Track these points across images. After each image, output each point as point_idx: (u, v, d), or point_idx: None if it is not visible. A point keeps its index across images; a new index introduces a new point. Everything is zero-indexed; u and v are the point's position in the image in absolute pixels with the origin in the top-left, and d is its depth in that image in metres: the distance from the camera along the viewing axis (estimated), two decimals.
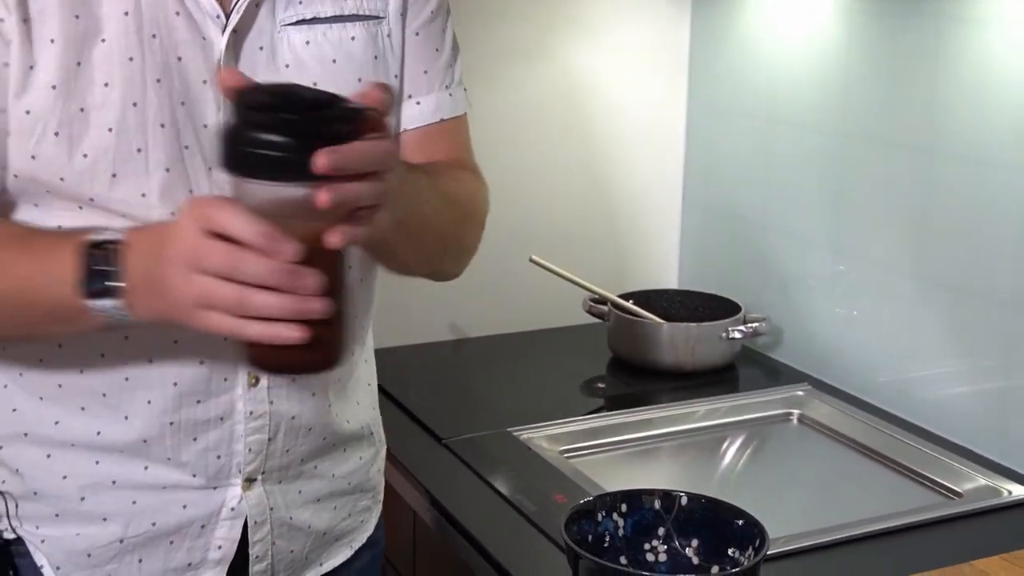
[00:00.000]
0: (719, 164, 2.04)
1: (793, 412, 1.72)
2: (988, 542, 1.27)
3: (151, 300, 0.92)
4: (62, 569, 1.08)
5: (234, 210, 0.87)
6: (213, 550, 1.11)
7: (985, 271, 1.52)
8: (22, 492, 1.08)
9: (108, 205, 1.00)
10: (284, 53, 1.05)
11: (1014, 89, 1.45)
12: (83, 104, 0.97)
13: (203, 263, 0.87)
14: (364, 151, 0.86)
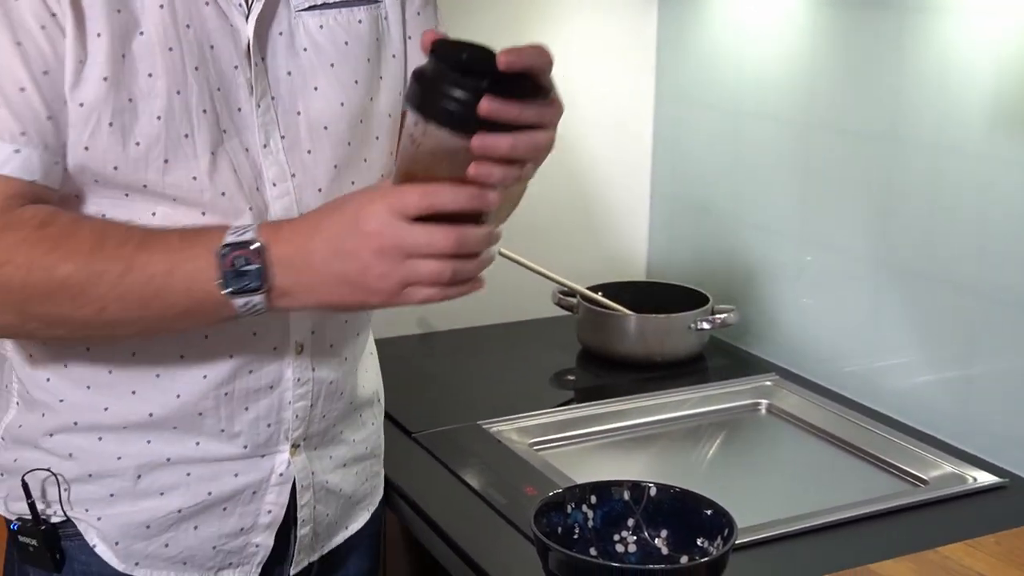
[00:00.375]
0: (687, 156, 2.05)
1: (761, 402, 1.73)
2: (953, 529, 1.28)
3: (327, 292, 0.99)
4: (121, 543, 1.13)
5: (429, 190, 0.94)
6: (263, 515, 1.17)
7: (949, 259, 1.53)
8: (76, 475, 1.12)
9: (162, 190, 1.04)
10: (301, 37, 1.11)
11: (975, 77, 1.46)
12: (131, 95, 1.01)
13: (420, 249, 0.95)
14: (532, 111, 0.94)
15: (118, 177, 1.03)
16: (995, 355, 1.48)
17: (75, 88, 0.99)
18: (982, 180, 1.47)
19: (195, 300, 0.99)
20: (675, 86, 2.05)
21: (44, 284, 0.97)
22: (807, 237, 1.78)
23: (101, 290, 0.97)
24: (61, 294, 0.97)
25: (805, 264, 1.79)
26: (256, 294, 0.98)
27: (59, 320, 1.00)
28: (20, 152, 0.97)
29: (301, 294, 1.00)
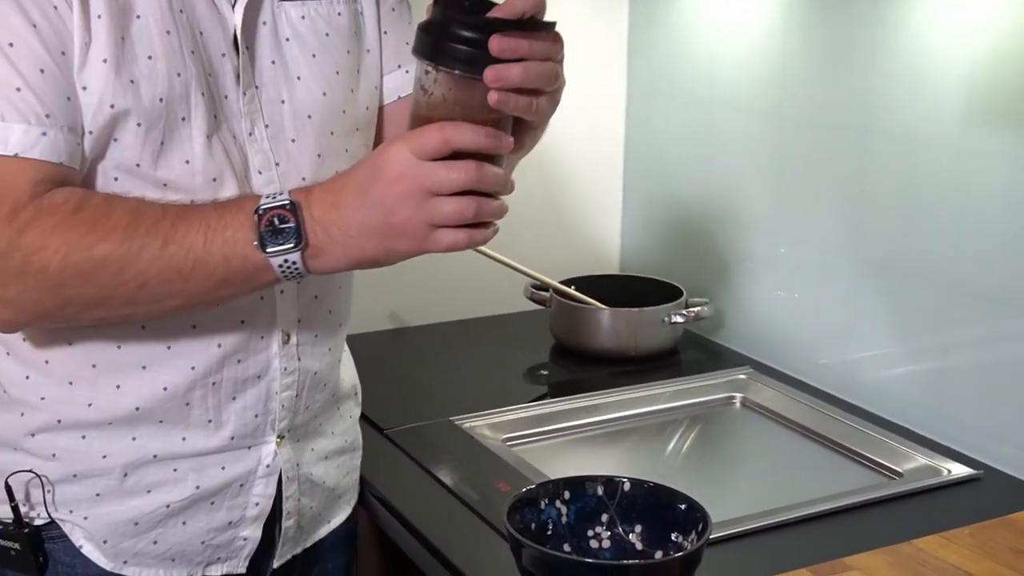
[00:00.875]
0: (659, 148, 2.05)
1: (736, 396, 1.73)
2: (927, 521, 1.29)
3: (357, 245, 1.00)
4: (109, 542, 1.12)
5: (446, 127, 0.97)
6: (251, 507, 1.18)
7: (923, 252, 1.54)
8: (60, 476, 1.11)
9: (154, 173, 1.05)
10: (284, 27, 1.13)
11: (948, 70, 1.47)
12: (132, 76, 1.02)
13: (440, 186, 0.97)
14: (539, 44, 0.97)
15: (111, 157, 1.03)
16: (970, 347, 1.50)
17: (80, 70, 1.00)
18: (956, 173, 1.48)
19: (233, 267, 1.00)
20: (647, 79, 2.06)
21: (83, 265, 0.98)
22: (781, 230, 1.79)
23: (141, 265, 0.98)
24: (101, 273, 0.98)
25: (779, 257, 1.80)
26: (293, 251, 0.99)
27: (100, 300, 1.01)
28: (47, 135, 0.97)
29: (335, 250, 1.01)
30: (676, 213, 2.02)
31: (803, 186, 1.74)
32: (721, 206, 1.91)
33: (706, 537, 1.08)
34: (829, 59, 1.66)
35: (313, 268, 1.02)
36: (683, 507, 1.14)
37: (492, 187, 1.00)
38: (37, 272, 0.97)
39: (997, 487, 1.42)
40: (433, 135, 0.97)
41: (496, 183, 1.00)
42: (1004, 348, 1.45)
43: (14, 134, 0.96)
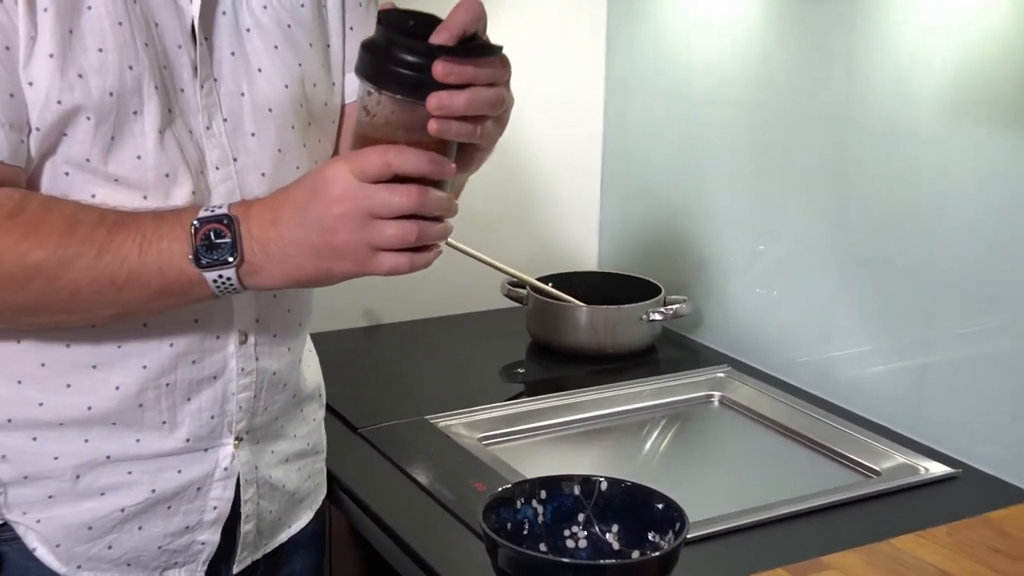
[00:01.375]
0: (637, 144, 2.05)
1: (714, 394, 1.74)
2: (905, 520, 1.29)
3: (296, 264, 1.00)
4: (62, 546, 1.11)
5: (389, 151, 0.96)
6: (209, 511, 1.17)
7: (903, 248, 1.55)
8: (11, 477, 1.09)
9: (104, 168, 1.03)
10: (245, 17, 1.11)
11: (927, 64, 1.48)
12: (81, 70, 1.00)
13: (381, 209, 0.96)
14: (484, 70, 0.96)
15: (61, 152, 1.02)
16: (949, 345, 1.50)
17: (26, 65, 0.98)
18: (936, 168, 1.49)
19: (168, 279, 0.99)
20: (625, 74, 2.06)
21: (16, 271, 0.97)
22: (759, 226, 1.79)
23: (74, 274, 0.98)
24: (35, 280, 0.97)
25: (758, 254, 1.80)
26: (228, 267, 0.99)
27: (33, 307, 1.00)
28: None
29: (271, 268, 1.00)
30: (654, 210, 2.02)
31: (782, 183, 1.74)
32: (699, 203, 1.91)
33: (683, 536, 1.09)
34: (807, 56, 1.67)
35: (249, 285, 1.01)
36: (660, 506, 1.14)
37: (435, 211, 0.99)
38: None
39: (975, 486, 1.42)
40: (375, 158, 0.96)
41: (439, 207, 0.99)
42: (983, 346, 1.46)
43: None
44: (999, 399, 1.44)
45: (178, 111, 1.07)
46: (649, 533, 1.14)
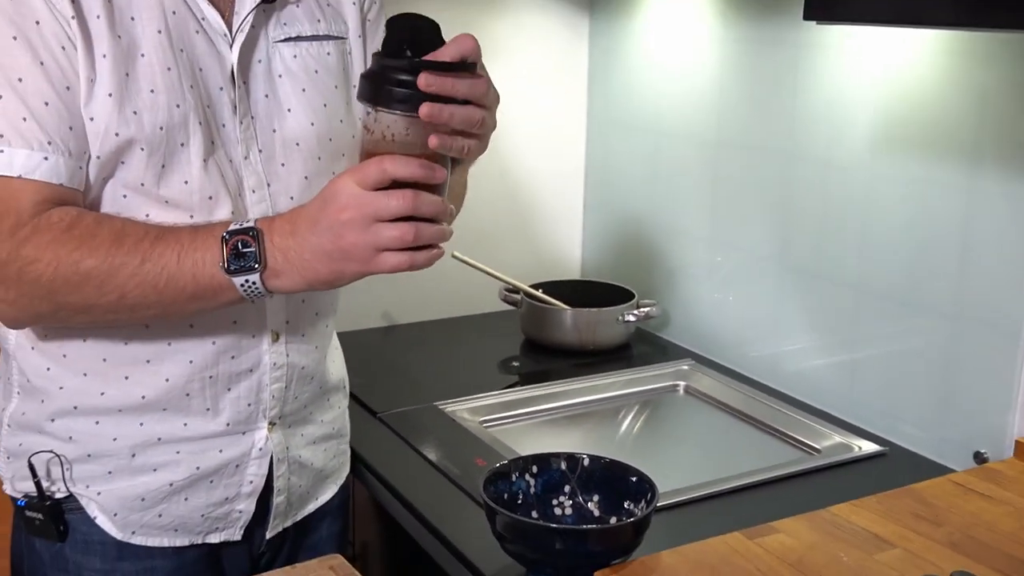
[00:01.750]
0: (615, 170, 2.06)
1: (680, 384, 1.74)
2: (841, 490, 1.30)
3: (312, 268, 0.99)
4: (119, 515, 1.12)
5: (385, 159, 0.96)
6: (246, 485, 1.17)
7: (836, 259, 1.55)
8: (76, 456, 1.11)
9: (156, 192, 1.04)
10: (277, 64, 1.11)
11: (857, 105, 1.49)
12: (135, 108, 1.01)
13: (381, 212, 0.96)
14: (464, 83, 0.97)
15: (119, 177, 1.03)
16: (875, 341, 1.51)
17: (88, 104, 0.99)
18: (863, 192, 1.50)
19: (201, 284, 0.99)
20: (604, 110, 2.06)
21: (71, 277, 0.97)
22: (717, 241, 1.80)
23: (120, 279, 0.98)
24: (86, 284, 0.98)
25: (716, 264, 1.81)
26: (253, 272, 0.99)
27: (86, 306, 1.00)
28: (48, 159, 0.97)
29: (292, 273, 1.00)
30: (629, 226, 2.02)
31: (736, 204, 1.75)
32: (667, 220, 1.91)
33: (654, 505, 1.09)
34: (758, 94, 1.67)
35: (272, 288, 1.01)
36: (634, 479, 1.14)
37: (430, 213, 0.98)
38: (32, 280, 0.97)
39: (900, 461, 1.43)
40: (373, 167, 0.96)
41: (433, 209, 0.98)
42: (905, 342, 1.46)
43: (18, 158, 0.96)
44: (919, 388, 1.44)
45: (220, 143, 1.07)
46: (625, 502, 1.15)
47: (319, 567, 1.07)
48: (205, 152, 1.05)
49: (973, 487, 1.23)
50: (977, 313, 1.35)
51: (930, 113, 1.38)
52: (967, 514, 1.16)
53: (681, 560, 1.04)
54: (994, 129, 1.31)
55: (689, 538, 1.10)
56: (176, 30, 1.03)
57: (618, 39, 1.98)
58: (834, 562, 1.05)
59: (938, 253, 1.39)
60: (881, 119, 1.46)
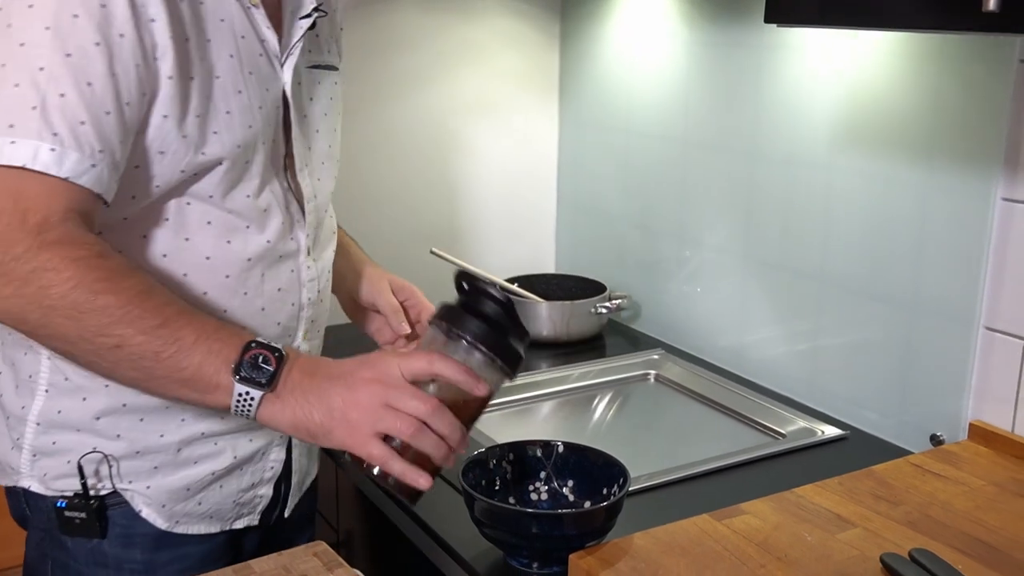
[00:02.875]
0: (586, 169, 2.06)
1: (650, 372, 1.74)
2: (805, 473, 1.30)
3: (308, 413, 0.94)
4: (167, 506, 1.11)
5: (436, 357, 0.95)
6: (267, 471, 1.19)
7: (799, 253, 1.56)
8: (124, 453, 1.09)
9: (222, 203, 1.04)
10: (309, 88, 1.14)
11: (817, 104, 1.49)
12: (216, 128, 1.01)
13: (397, 402, 0.93)
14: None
15: (191, 189, 1.02)
16: (836, 331, 1.52)
17: (182, 123, 0.98)
18: (824, 188, 1.50)
19: (201, 374, 0.93)
20: (576, 111, 2.06)
21: (83, 303, 0.89)
22: (685, 236, 1.80)
23: (128, 330, 0.90)
24: (93, 318, 0.90)
25: (685, 258, 1.81)
26: (258, 388, 0.93)
27: (75, 338, 0.91)
28: (96, 167, 0.93)
29: (289, 408, 0.94)
30: (601, 222, 2.03)
31: (703, 200, 1.75)
32: (637, 216, 1.92)
33: (626, 489, 1.09)
34: (723, 95, 1.68)
35: (261, 412, 0.94)
36: (607, 465, 1.15)
37: (442, 427, 0.94)
38: (39, 288, 0.89)
39: (861, 445, 1.44)
40: (423, 357, 0.95)
41: (448, 429, 0.94)
42: (864, 331, 1.47)
43: (69, 160, 0.90)
44: (878, 374, 1.45)
45: (274, 159, 1.09)
46: (599, 487, 1.15)
47: (304, 554, 1.06)
48: (265, 168, 1.07)
49: (930, 468, 1.24)
50: (933, 303, 1.36)
51: (887, 112, 1.39)
52: (924, 494, 1.17)
53: (653, 542, 1.05)
54: (947, 127, 1.32)
55: (660, 520, 1.10)
56: (245, 53, 1.04)
57: (588, 42, 1.98)
58: (798, 541, 1.05)
59: (895, 246, 1.40)
60: (841, 118, 1.46)
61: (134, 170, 0.98)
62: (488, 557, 1.12)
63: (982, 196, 1.28)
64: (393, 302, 1.31)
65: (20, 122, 0.89)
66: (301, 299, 1.14)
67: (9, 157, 0.88)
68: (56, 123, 0.90)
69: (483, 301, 0.98)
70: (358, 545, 1.52)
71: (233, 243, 1.06)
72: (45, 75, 0.89)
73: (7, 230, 0.88)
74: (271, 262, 1.09)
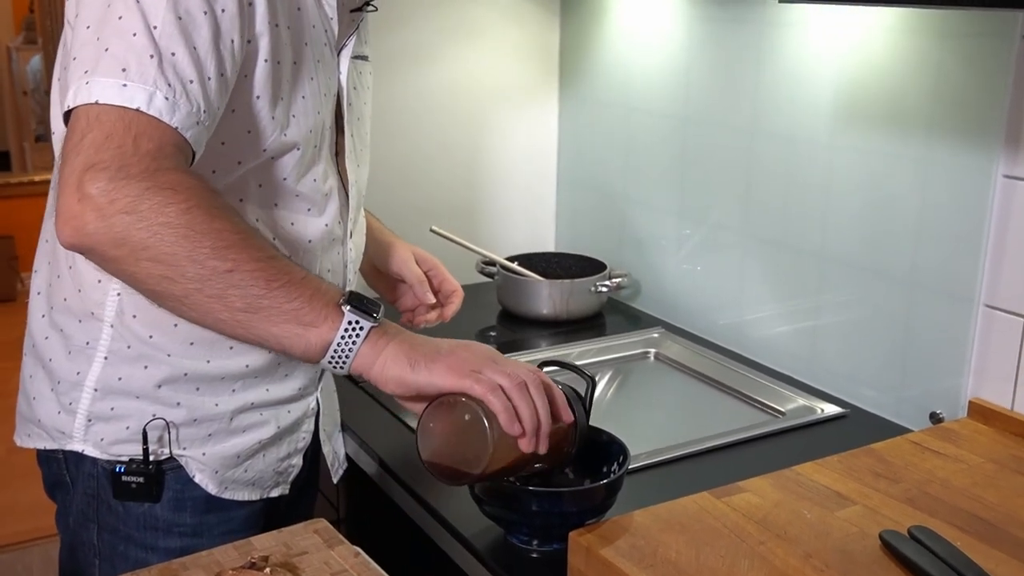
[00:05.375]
0: (586, 146, 2.05)
1: (650, 351, 1.75)
2: (805, 450, 1.31)
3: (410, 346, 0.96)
4: (219, 472, 1.15)
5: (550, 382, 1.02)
6: (300, 441, 1.24)
7: (799, 231, 1.56)
8: (183, 420, 1.12)
9: (292, 187, 1.09)
10: (354, 78, 1.18)
11: (819, 81, 1.49)
12: (295, 112, 1.05)
13: (509, 366, 0.97)
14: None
15: (264, 172, 1.06)
16: (836, 309, 1.52)
17: (271, 105, 1.02)
18: (825, 165, 1.50)
19: (312, 305, 0.92)
20: (576, 88, 2.06)
21: (197, 224, 0.87)
22: (686, 214, 1.80)
23: (243, 255, 0.89)
24: (207, 239, 0.87)
25: (685, 236, 1.81)
26: (368, 319, 0.94)
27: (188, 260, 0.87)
28: (199, 124, 0.93)
29: (395, 336, 0.96)
30: (601, 201, 2.02)
31: (703, 177, 1.75)
32: (637, 195, 1.91)
33: (626, 467, 1.10)
34: (725, 71, 1.67)
35: (363, 350, 0.94)
36: (607, 442, 1.15)
37: (539, 400, 0.98)
38: (155, 204, 0.85)
39: (860, 422, 1.44)
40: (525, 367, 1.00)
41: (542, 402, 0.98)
42: (864, 309, 1.47)
43: (180, 111, 0.91)
44: (876, 354, 1.46)
45: (332, 145, 1.14)
46: (599, 465, 1.15)
47: (304, 531, 1.07)
48: (328, 154, 1.12)
49: (929, 446, 1.25)
50: (933, 281, 1.36)
51: (888, 89, 1.39)
52: (923, 471, 1.17)
53: (652, 519, 1.05)
54: (948, 104, 1.31)
55: (660, 498, 1.10)
56: (314, 42, 1.08)
57: (589, 18, 1.97)
58: (798, 519, 1.06)
59: (896, 223, 1.40)
60: (841, 95, 1.46)
61: (220, 146, 1.01)
62: (488, 534, 1.12)
63: (983, 173, 1.28)
64: (419, 272, 1.40)
65: (136, 68, 0.90)
66: (344, 280, 1.21)
67: (124, 98, 0.88)
68: (170, 76, 0.91)
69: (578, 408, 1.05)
70: (358, 522, 1.52)
71: (296, 225, 1.11)
72: (159, 32, 0.91)
73: (119, 152, 0.87)
74: (326, 244, 1.15)
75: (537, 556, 1.09)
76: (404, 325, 1.36)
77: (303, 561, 1.01)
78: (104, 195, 0.85)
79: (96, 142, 0.86)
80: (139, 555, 1.13)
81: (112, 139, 0.87)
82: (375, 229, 1.41)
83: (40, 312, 1.14)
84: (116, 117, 0.88)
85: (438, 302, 1.41)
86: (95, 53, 0.90)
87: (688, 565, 0.96)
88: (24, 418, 1.17)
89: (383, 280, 1.43)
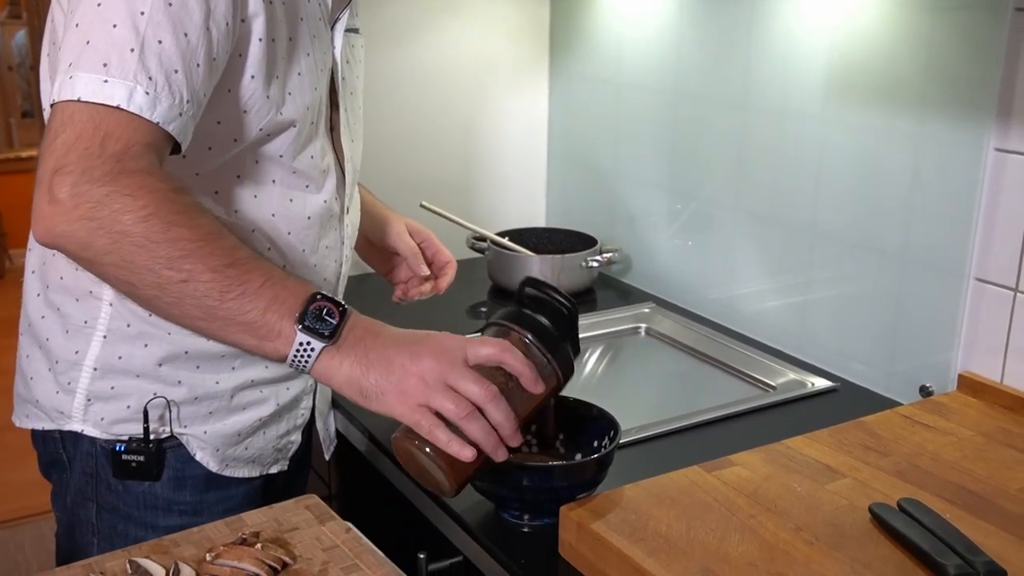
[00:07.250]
0: (577, 121, 2.05)
1: (641, 326, 1.75)
2: (795, 424, 1.32)
3: (364, 371, 0.92)
4: (220, 450, 1.15)
5: (507, 348, 0.95)
6: (299, 418, 1.25)
7: (790, 206, 1.56)
8: (184, 399, 1.12)
9: (291, 163, 1.08)
10: (347, 51, 1.18)
11: (811, 55, 1.48)
12: (291, 89, 1.05)
13: (457, 382, 0.92)
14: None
15: (264, 148, 1.06)
16: (827, 284, 1.52)
17: (266, 84, 1.01)
18: (816, 140, 1.50)
19: (265, 320, 0.91)
20: (566, 63, 2.04)
21: (155, 233, 0.87)
22: (677, 189, 1.80)
23: (198, 266, 0.88)
24: (163, 249, 0.87)
25: (676, 211, 1.81)
26: (320, 340, 0.91)
27: (143, 268, 0.88)
28: (182, 116, 0.93)
29: (344, 363, 0.93)
30: (591, 176, 2.02)
31: (694, 153, 1.74)
32: (628, 170, 1.91)
33: (617, 441, 1.10)
34: (716, 45, 1.66)
35: (317, 368, 0.93)
36: (598, 417, 1.15)
37: (497, 417, 0.93)
38: (112, 212, 0.86)
39: (850, 396, 1.45)
40: (494, 346, 0.95)
41: (503, 418, 0.93)
42: (854, 284, 1.47)
43: (161, 105, 0.90)
44: (867, 328, 1.46)
45: (327, 120, 1.14)
46: (589, 439, 1.15)
47: (295, 507, 1.07)
48: (324, 130, 1.12)
49: (919, 419, 1.25)
50: (924, 254, 1.36)
51: (879, 63, 1.38)
52: (913, 444, 1.18)
53: (643, 493, 1.06)
54: (940, 77, 1.31)
55: (651, 472, 1.11)
56: (310, 17, 1.07)
57: None
58: (788, 492, 1.06)
59: (887, 197, 1.40)
60: (833, 69, 1.45)
61: (216, 125, 1.01)
62: (479, 510, 1.13)
63: (974, 146, 1.28)
64: (412, 245, 1.40)
65: (116, 63, 0.89)
66: (342, 256, 1.21)
67: (103, 96, 0.88)
68: (152, 68, 0.90)
69: (548, 306, 1.00)
70: (349, 498, 1.53)
71: (295, 202, 1.11)
72: (145, 20, 0.90)
73: (85, 154, 0.87)
74: (325, 221, 1.15)
75: (528, 531, 1.09)
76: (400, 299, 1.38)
77: (294, 537, 1.01)
78: (70, 199, 0.86)
79: (67, 143, 0.87)
80: (138, 533, 1.13)
81: (81, 140, 0.87)
82: (368, 202, 1.41)
83: (35, 291, 1.13)
84: (88, 117, 0.88)
85: (432, 274, 1.42)
86: (78, 44, 0.90)
87: (679, 538, 0.97)
88: (22, 398, 1.17)
89: (376, 253, 1.44)
